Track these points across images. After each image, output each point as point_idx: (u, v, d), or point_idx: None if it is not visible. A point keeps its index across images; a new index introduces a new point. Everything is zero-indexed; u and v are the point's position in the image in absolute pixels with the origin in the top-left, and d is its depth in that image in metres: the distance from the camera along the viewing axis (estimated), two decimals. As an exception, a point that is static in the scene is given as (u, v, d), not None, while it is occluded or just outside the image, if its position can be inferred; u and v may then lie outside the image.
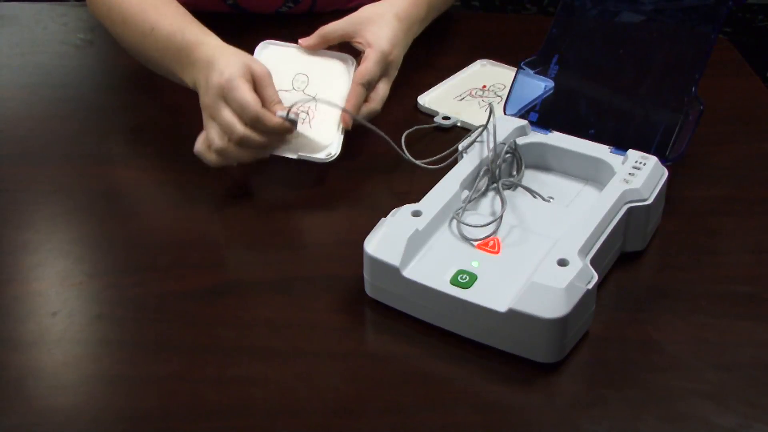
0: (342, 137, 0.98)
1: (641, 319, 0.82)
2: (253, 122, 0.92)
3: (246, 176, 0.99)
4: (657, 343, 0.79)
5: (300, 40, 1.04)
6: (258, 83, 0.95)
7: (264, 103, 0.94)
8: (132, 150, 1.07)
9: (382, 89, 1.02)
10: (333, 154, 0.97)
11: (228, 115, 0.93)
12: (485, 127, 0.92)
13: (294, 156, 0.97)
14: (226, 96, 0.92)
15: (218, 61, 0.95)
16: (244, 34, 1.27)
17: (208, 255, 0.90)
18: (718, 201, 0.96)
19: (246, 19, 1.29)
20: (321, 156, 0.97)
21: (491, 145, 0.90)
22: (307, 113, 0.99)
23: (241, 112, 0.92)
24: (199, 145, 0.96)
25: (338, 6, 1.31)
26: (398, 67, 1.04)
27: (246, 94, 0.92)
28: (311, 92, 1.01)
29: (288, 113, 0.93)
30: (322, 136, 0.99)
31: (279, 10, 1.30)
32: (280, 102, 0.95)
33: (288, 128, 0.94)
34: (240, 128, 0.92)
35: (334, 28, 1.04)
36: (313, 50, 1.05)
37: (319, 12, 1.30)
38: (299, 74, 1.03)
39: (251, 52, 1.01)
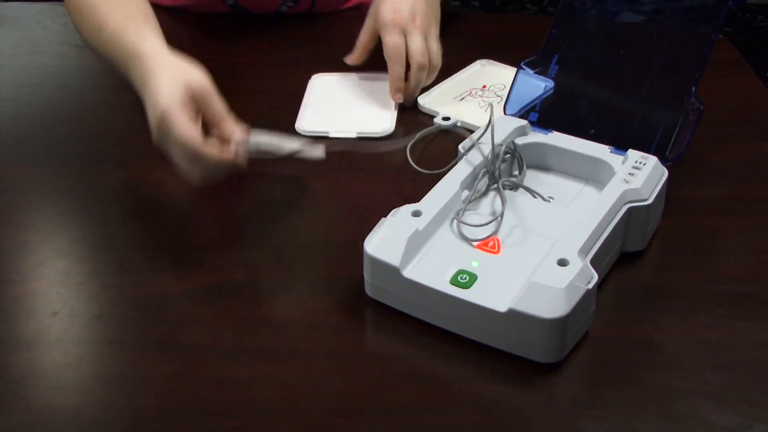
0: (396, 113, 1.07)
1: (641, 319, 0.82)
2: (195, 161, 0.84)
3: (245, 177, 0.99)
4: (657, 343, 0.79)
5: (345, 59, 1.04)
6: (201, 101, 0.86)
7: (212, 122, 0.86)
8: (131, 150, 1.07)
9: (415, 44, 1.02)
10: (388, 128, 1.04)
11: (177, 154, 0.85)
12: (486, 128, 0.92)
13: (353, 135, 1.03)
14: (165, 134, 0.84)
15: (150, 84, 0.86)
16: (244, 34, 1.27)
17: (208, 255, 0.90)
18: (718, 201, 0.96)
19: (246, 19, 1.29)
20: (378, 131, 1.04)
21: (491, 146, 0.90)
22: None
23: (181, 148, 0.83)
24: (188, 180, 0.90)
25: (337, 6, 1.31)
26: (424, 19, 1.04)
27: (180, 131, 0.83)
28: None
29: (242, 143, 0.86)
30: (378, 114, 1.07)
31: (279, 9, 1.30)
32: (228, 118, 0.86)
33: (235, 163, 0.85)
34: (195, 168, 0.85)
35: (363, 31, 1.06)
36: (363, 77, 1.09)
37: (319, 12, 1.30)
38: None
39: (256, 51, 1.00)
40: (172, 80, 0.85)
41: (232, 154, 0.83)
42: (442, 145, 1.04)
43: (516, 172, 0.93)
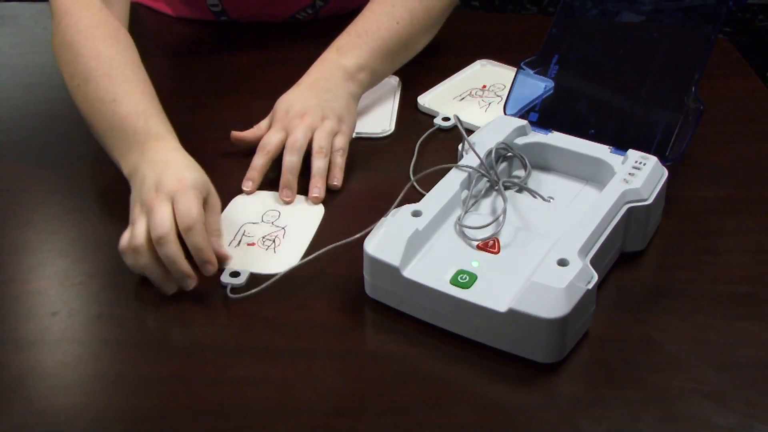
0: (395, 113, 1.09)
1: (641, 319, 0.82)
2: (185, 232, 0.83)
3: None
4: (657, 343, 0.79)
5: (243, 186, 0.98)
6: (207, 206, 0.87)
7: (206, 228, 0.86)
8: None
9: (291, 138, 0.97)
10: (388, 128, 1.06)
11: (166, 211, 0.83)
12: (465, 140, 0.92)
13: (353, 135, 1.01)
14: (175, 195, 0.84)
15: (179, 165, 0.87)
16: (244, 35, 1.27)
17: (208, 255, 0.90)
18: (718, 201, 0.96)
19: (246, 30, 1.29)
20: (377, 131, 1.06)
21: (489, 146, 0.91)
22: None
23: (182, 214, 0.83)
24: (124, 241, 0.84)
25: (340, 11, 1.30)
26: (313, 115, 0.99)
27: (195, 202, 0.84)
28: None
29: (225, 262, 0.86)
30: (378, 114, 1.07)
31: (284, 21, 1.29)
32: (220, 236, 0.88)
33: (188, 277, 0.83)
34: (172, 232, 0.83)
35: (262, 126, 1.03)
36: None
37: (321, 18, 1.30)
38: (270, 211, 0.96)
39: (256, 52, 1.00)
40: (201, 175, 0.88)
41: (206, 273, 0.84)
42: (441, 144, 1.04)
43: (516, 172, 0.93)
